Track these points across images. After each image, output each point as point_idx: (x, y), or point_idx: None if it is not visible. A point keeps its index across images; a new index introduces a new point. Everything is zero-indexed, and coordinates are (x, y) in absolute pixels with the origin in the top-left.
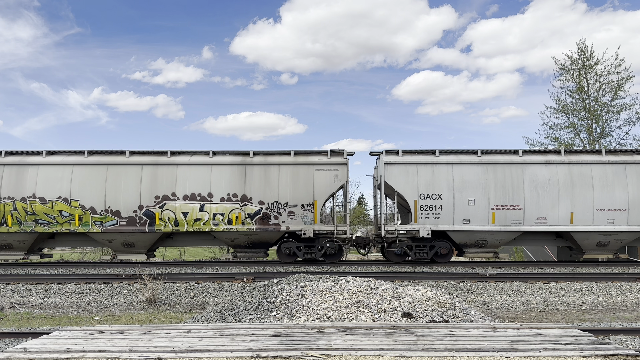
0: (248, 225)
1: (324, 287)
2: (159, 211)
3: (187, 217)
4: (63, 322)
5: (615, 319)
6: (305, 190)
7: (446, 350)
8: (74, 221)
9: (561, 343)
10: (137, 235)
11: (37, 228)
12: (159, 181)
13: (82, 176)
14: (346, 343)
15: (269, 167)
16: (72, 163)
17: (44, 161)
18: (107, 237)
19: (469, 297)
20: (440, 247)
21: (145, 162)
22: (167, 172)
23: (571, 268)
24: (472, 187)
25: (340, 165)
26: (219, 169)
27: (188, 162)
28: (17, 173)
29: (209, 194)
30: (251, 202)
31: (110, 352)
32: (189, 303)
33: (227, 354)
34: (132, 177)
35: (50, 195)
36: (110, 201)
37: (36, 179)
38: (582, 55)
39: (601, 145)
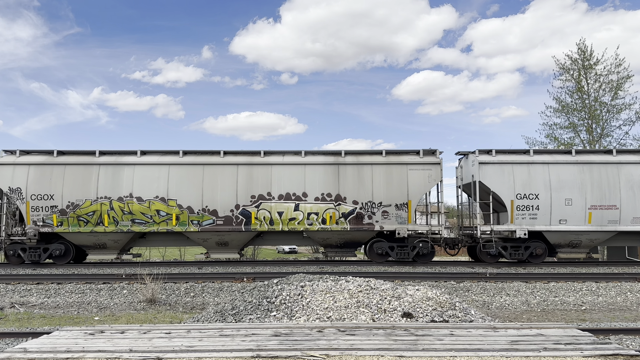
0: (342, 224)
1: (324, 287)
2: (255, 210)
3: (282, 217)
4: (63, 322)
5: (615, 319)
6: (399, 189)
7: (446, 350)
8: (171, 220)
9: (561, 343)
10: (232, 234)
11: (133, 227)
12: (254, 181)
13: (179, 176)
14: (346, 343)
15: (362, 167)
16: (168, 163)
17: (140, 161)
18: (203, 236)
19: (469, 297)
20: (536, 248)
21: (240, 162)
22: (262, 172)
23: (571, 268)
24: (569, 187)
25: (433, 165)
26: (313, 168)
27: (282, 162)
28: (113, 173)
29: (304, 194)
30: (345, 201)
31: (110, 352)
32: (189, 303)
33: (227, 354)
34: (228, 176)
35: (147, 194)
36: (208, 201)
37: (132, 179)
38: (582, 55)
39: (601, 145)
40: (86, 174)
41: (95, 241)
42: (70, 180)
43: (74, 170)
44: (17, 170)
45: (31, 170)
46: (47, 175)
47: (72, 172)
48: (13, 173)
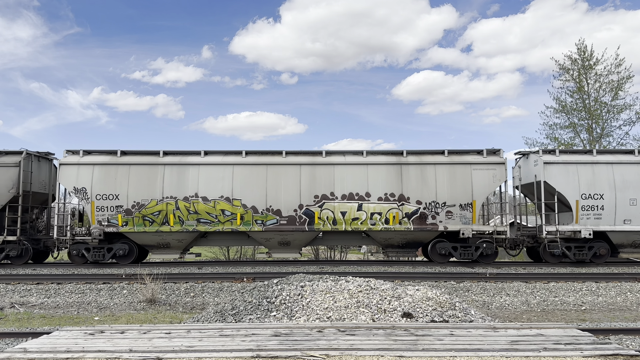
0: (405, 224)
1: (324, 287)
2: (318, 210)
3: (345, 217)
4: (63, 322)
5: (615, 319)
6: (463, 189)
7: (446, 350)
8: (235, 220)
9: (561, 343)
10: (295, 234)
11: (198, 227)
12: (317, 181)
13: (243, 176)
14: (346, 343)
15: (425, 167)
16: (232, 163)
17: (204, 161)
18: (266, 236)
19: (469, 297)
20: (600, 248)
21: (303, 162)
22: (325, 172)
23: (571, 268)
24: (634, 187)
25: (497, 165)
26: (375, 168)
27: (344, 162)
28: (178, 173)
29: (367, 194)
30: (408, 201)
31: (110, 352)
32: (189, 303)
33: (227, 354)
34: (292, 176)
35: (212, 194)
36: (271, 200)
37: (198, 179)
38: (582, 55)
39: (601, 145)
40: (151, 174)
41: (159, 241)
42: (136, 180)
43: (139, 170)
44: (81, 170)
45: (96, 170)
46: (112, 175)
47: (137, 172)
48: (77, 173)
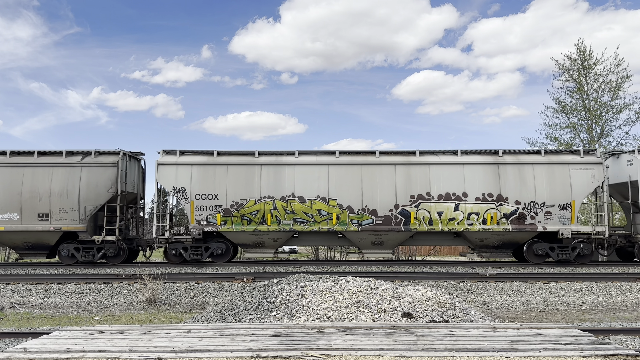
0: (503, 225)
1: (324, 287)
2: (414, 210)
3: (442, 217)
4: (63, 322)
5: (615, 319)
6: (562, 189)
7: (446, 350)
8: (331, 220)
9: (561, 343)
10: (390, 234)
11: (295, 226)
12: (413, 180)
13: (338, 176)
14: (346, 343)
15: (523, 167)
16: (327, 163)
17: (299, 161)
18: (360, 236)
19: (469, 297)
20: None
21: (397, 161)
22: (420, 172)
23: (571, 268)
24: None
25: (595, 165)
26: (472, 168)
27: (439, 162)
28: (275, 173)
29: (464, 194)
30: (507, 202)
31: (110, 352)
32: (189, 303)
33: (227, 354)
34: (387, 176)
35: (308, 194)
36: (367, 200)
37: (294, 179)
38: (581, 55)
39: (601, 145)
40: (249, 174)
41: (255, 240)
42: (234, 180)
43: (237, 170)
44: (180, 170)
45: (194, 170)
46: (210, 175)
47: (235, 172)
48: (176, 173)
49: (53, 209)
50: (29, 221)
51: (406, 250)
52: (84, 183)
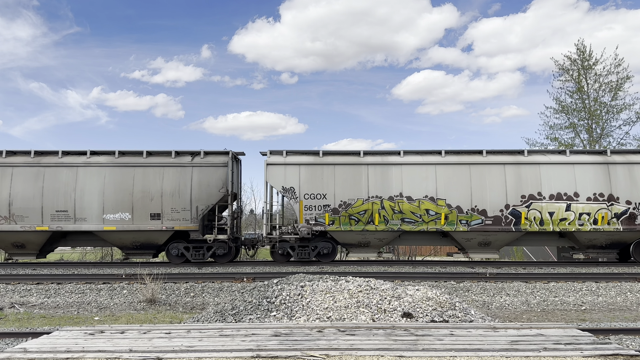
0: (614, 225)
1: (324, 287)
2: (525, 210)
3: (553, 217)
4: (63, 322)
5: (615, 319)
6: None
7: (446, 350)
8: (439, 220)
9: (561, 343)
10: (498, 234)
11: (403, 226)
12: (523, 180)
13: (446, 176)
14: (346, 343)
15: (633, 166)
16: (434, 163)
17: (405, 161)
18: (468, 236)
19: (469, 297)
20: None
21: (506, 161)
22: (530, 171)
23: (571, 268)
24: None
25: None
26: (582, 168)
27: (549, 161)
28: (382, 173)
29: (575, 194)
30: (618, 201)
31: (110, 352)
32: (189, 303)
33: (227, 354)
34: (496, 176)
35: (416, 194)
36: (476, 200)
37: (401, 179)
38: (581, 55)
39: (601, 146)
40: (356, 173)
41: (360, 240)
42: (342, 180)
43: (344, 170)
44: (288, 170)
45: (302, 170)
46: (318, 175)
47: (342, 172)
48: (285, 173)
49: (165, 208)
50: (140, 221)
51: (406, 250)
52: (196, 183)
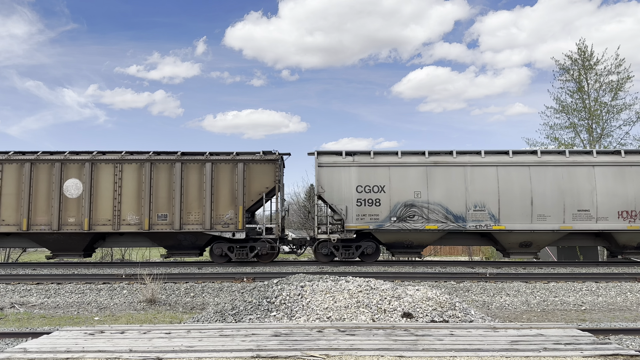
0: None
1: (324, 287)
2: None
3: None
4: (63, 322)
5: (615, 319)
6: None
7: (446, 350)
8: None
9: (561, 343)
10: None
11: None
12: None
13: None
14: (346, 343)
15: None
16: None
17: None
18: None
19: (469, 297)
20: None
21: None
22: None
23: (571, 268)
24: None
25: None
26: None
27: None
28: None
29: None
30: None
31: (110, 352)
32: (189, 303)
33: (227, 354)
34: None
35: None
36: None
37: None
38: (582, 55)
39: (601, 145)
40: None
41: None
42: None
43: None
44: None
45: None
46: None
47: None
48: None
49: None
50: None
51: None
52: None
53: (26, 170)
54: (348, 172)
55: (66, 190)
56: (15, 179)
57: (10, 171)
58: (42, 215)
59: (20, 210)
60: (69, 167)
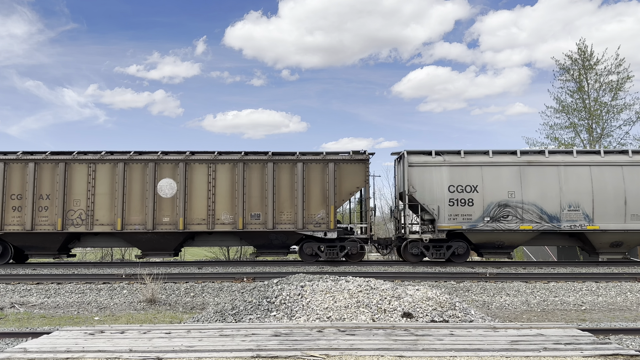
0: None
1: (324, 287)
2: None
3: None
4: (63, 322)
5: (615, 319)
6: None
7: (446, 350)
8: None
9: (561, 343)
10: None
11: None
12: None
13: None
14: (346, 343)
15: None
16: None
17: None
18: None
19: (469, 297)
20: None
21: None
22: None
23: (571, 268)
24: None
25: None
26: None
27: None
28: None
29: None
30: None
31: (110, 352)
32: (189, 303)
33: (227, 354)
34: None
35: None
36: None
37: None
38: (582, 55)
39: (601, 145)
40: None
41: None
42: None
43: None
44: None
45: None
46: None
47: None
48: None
49: None
50: None
51: None
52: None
53: (119, 170)
54: (439, 172)
55: (160, 190)
56: (109, 178)
57: (103, 171)
58: (136, 215)
59: (114, 210)
60: (163, 167)
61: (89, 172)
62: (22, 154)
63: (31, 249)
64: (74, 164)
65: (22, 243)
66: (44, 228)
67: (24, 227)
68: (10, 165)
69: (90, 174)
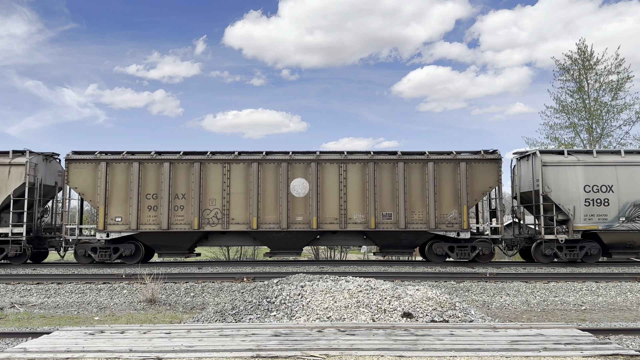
0: None
1: (324, 287)
2: None
3: None
4: (63, 322)
5: (615, 319)
6: None
7: (446, 350)
8: None
9: (561, 343)
10: None
11: None
12: None
13: None
14: (346, 343)
15: None
16: None
17: None
18: None
19: (469, 297)
20: None
21: None
22: None
23: (571, 268)
24: None
25: None
26: None
27: None
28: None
29: None
30: None
31: (110, 352)
32: (189, 303)
33: (227, 354)
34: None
35: None
36: None
37: None
38: (582, 55)
39: (601, 145)
40: None
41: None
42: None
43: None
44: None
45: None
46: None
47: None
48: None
49: None
50: None
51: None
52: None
53: (253, 169)
54: (574, 172)
55: (293, 189)
56: (243, 178)
57: (238, 171)
58: (271, 214)
59: (249, 209)
60: (295, 166)
61: (224, 171)
62: (155, 153)
63: (163, 248)
64: (209, 164)
65: (154, 242)
66: (180, 227)
67: (160, 226)
68: (145, 165)
69: (224, 173)
